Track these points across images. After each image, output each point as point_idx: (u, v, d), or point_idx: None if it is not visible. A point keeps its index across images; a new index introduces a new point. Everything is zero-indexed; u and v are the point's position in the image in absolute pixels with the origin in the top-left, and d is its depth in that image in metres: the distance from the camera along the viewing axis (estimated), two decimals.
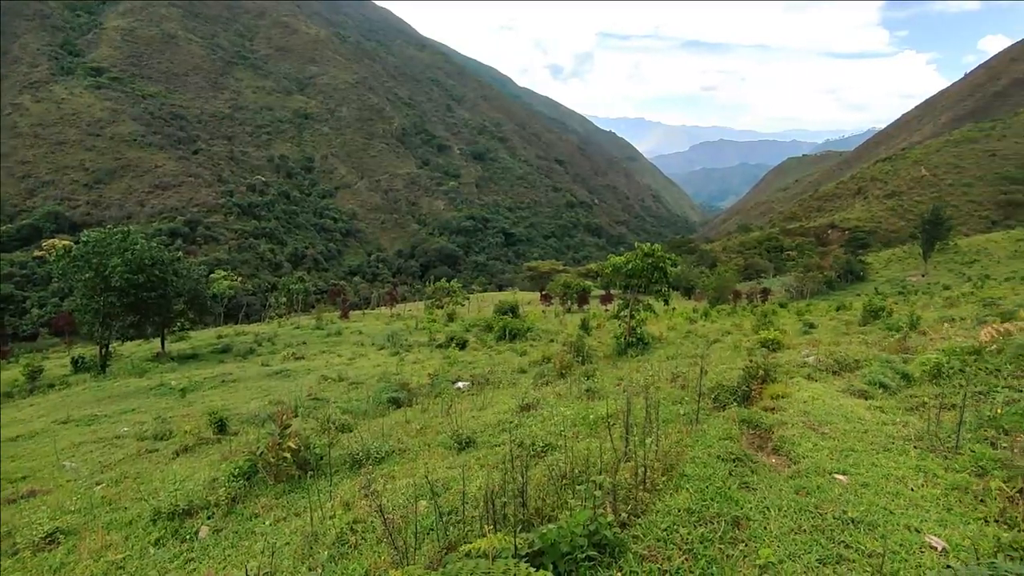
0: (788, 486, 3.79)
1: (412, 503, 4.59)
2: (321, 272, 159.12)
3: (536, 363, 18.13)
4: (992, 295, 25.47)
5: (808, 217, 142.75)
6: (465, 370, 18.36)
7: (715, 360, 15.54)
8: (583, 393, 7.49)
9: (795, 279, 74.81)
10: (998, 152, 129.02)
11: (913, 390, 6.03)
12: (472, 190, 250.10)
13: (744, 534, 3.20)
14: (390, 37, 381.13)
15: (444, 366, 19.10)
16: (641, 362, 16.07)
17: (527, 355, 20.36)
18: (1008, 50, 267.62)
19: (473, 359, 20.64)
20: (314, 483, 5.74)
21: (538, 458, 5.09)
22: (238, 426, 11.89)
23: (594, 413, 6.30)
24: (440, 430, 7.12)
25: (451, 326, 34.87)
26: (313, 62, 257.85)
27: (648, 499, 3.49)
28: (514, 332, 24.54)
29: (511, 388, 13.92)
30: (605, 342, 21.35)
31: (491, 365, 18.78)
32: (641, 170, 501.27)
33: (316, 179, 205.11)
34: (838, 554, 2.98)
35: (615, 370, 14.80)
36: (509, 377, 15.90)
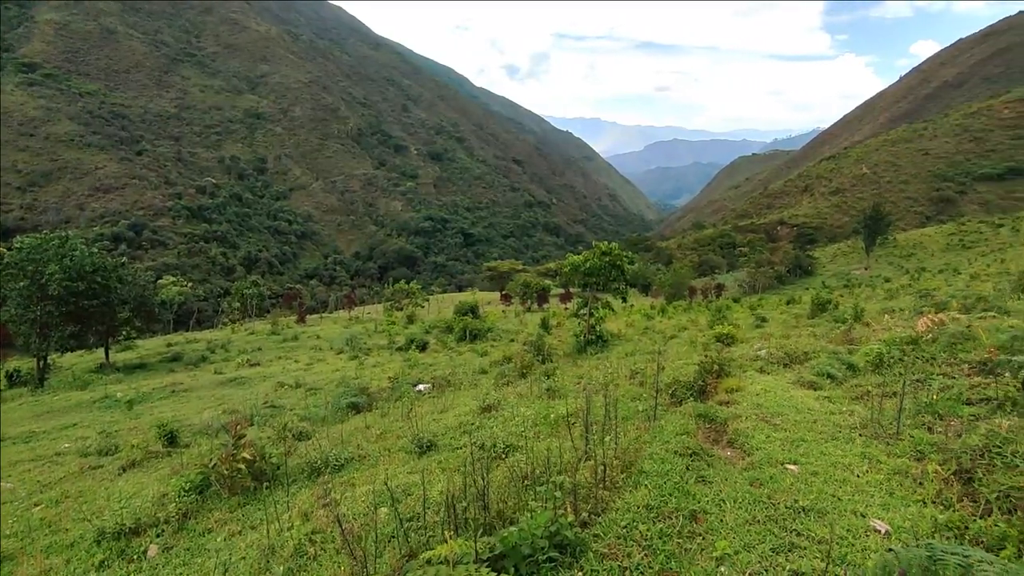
0: (743, 478, 3.89)
1: (372, 511, 4.51)
2: (276, 276, 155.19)
3: (497, 363, 18.12)
4: (927, 287, 26.87)
5: (759, 214, 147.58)
6: (426, 372, 18.20)
7: (672, 355, 15.86)
8: (543, 393, 7.52)
9: (747, 275, 77.22)
10: (930, 151, 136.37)
11: (858, 380, 6.30)
12: (430, 190, 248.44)
13: (701, 527, 3.27)
14: (344, 36, 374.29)
15: (404, 369, 18.88)
16: (601, 359, 16.26)
17: (488, 355, 20.33)
18: (937, 55, 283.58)
19: (434, 361, 20.47)
20: (271, 494, 5.57)
21: (499, 460, 5.07)
22: (190, 438, 11.45)
23: (555, 412, 6.33)
24: (401, 434, 7.02)
25: (411, 328, 34.51)
26: (264, 60, 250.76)
27: (608, 497, 3.53)
28: (474, 333, 24.46)
29: (472, 389, 13.87)
30: (565, 340, 21.52)
31: (452, 367, 18.68)
32: (598, 169, 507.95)
33: (269, 180, 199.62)
34: (790, 542, 3.08)
35: (575, 368, 14.93)
36: (470, 378, 15.83)
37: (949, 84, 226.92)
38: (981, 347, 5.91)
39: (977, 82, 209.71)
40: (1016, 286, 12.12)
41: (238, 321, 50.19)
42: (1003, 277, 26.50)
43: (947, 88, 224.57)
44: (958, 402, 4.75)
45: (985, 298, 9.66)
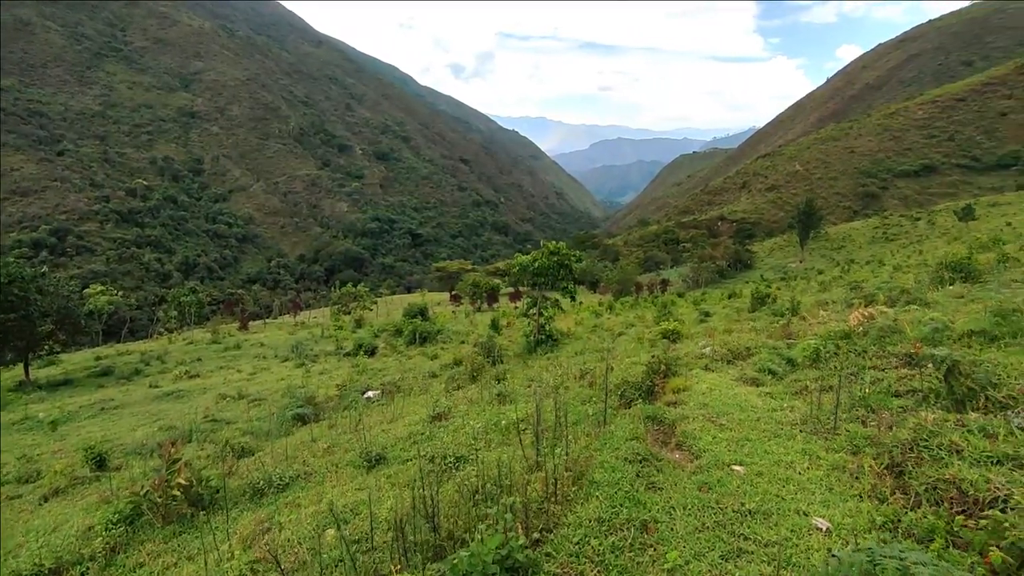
0: (691, 483, 3.94)
1: (319, 533, 4.32)
2: (216, 281, 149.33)
3: (447, 366, 17.95)
4: (856, 279, 28.40)
5: (700, 211, 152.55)
6: (375, 378, 17.82)
7: (621, 353, 16.11)
8: (494, 398, 7.46)
9: (691, 270, 79.61)
10: (856, 149, 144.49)
11: (797, 375, 6.54)
12: (376, 191, 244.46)
13: (652, 538, 3.28)
14: (283, 32, 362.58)
15: (353, 375, 18.45)
16: (551, 359, 16.34)
17: (438, 358, 20.12)
18: (860, 58, 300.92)
19: (383, 366, 20.09)
20: (209, 521, 5.26)
21: (450, 472, 4.98)
22: (121, 459, 10.78)
23: (505, 419, 6.28)
24: (349, 447, 6.79)
25: (359, 332, 33.77)
26: (198, 56, 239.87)
27: (559, 512, 3.50)
28: (424, 335, 24.16)
29: (423, 395, 13.67)
30: (515, 340, 21.55)
31: (402, 371, 18.38)
32: (545, 168, 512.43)
33: (207, 182, 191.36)
34: (739, 548, 3.13)
35: (526, 369, 14.95)
36: (420, 383, 15.61)
37: (870, 86, 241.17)
38: (906, 340, 6.24)
39: (895, 84, 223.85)
40: (934, 278, 12.93)
41: (175, 330, 47.77)
42: (922, 268, 28.31)
43: (869, 90, 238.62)
44: (888, 395, 4.98)
45: (908, 291, 10.28)
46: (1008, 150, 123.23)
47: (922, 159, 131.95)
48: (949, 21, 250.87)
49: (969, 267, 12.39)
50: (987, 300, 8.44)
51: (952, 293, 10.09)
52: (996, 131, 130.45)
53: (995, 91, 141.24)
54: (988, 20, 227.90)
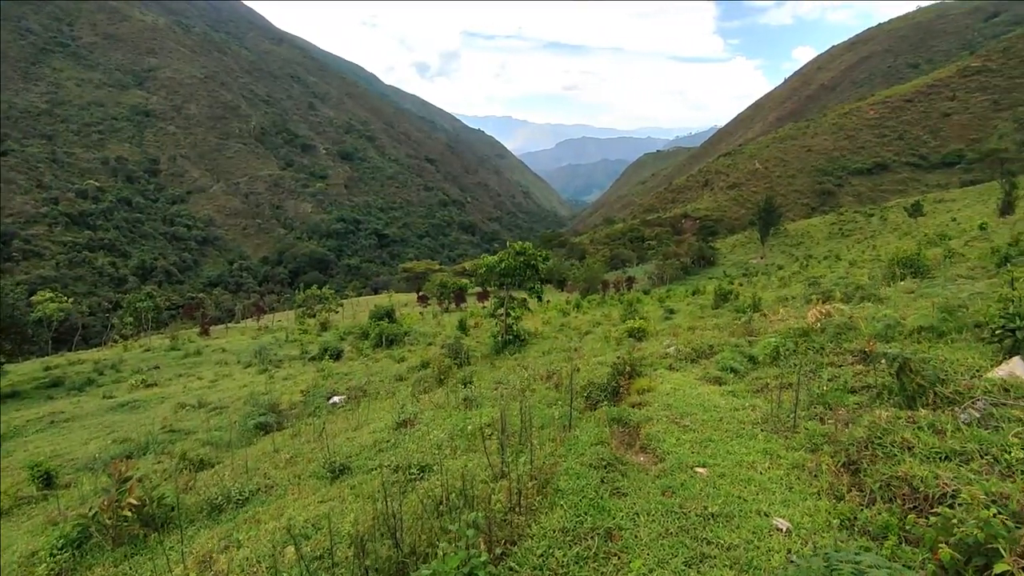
0: (655, 487, 3.96)
1: (279, 550, 4.18)
2: (176, 285, 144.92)
3: (415, 369, 17.77)
4: (814, 274, 29.27)
5: (664, 208, 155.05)
6: (341, 383, 17.52)
7: (587, 352, 16.22)
8: (460, 403, 7.39)
9: (656, 267, 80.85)
10: (813, 148, 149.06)
11: (758, 372, 6.67)
12: (341, 191, 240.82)
13: (617, 546, 3.27)
14: (242, 30, 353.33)
15: (318, 380, 18.09)
16: (518, 360, 16.33)
17: (405, 361, 19.91)
18: (815, 60, 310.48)
19: (349, 370, 19.76)
20: (163, 541, 5.04)
21: (415, 483, 4.89)
22: (72, 475, 10.31)
23: (472, 423, 6.22)
24: (312, 457, 6.62)
25: (325, 336, 33.20)
26: (152, 53, 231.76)
27: (524, 523, 3.46)
28: (391, 338, 23.86)
29: (390, 399, 13.48)
30: (483, 341, 21.49)
31: (368, 375, 18.12)
32: (511, 167, 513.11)
33: (163, 183, 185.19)
34: (702, 553, 3.15)
35: (493, 370, 14.91)
36: (387, 386, 15.41)
37: (825, 87, 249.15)
38: (861, 337, 6.43)
39: (848, 85, 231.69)
40: (886, 274, 13.39)
41: (131, 337, 46.07)
42: (875, 263, 29.37)
43: (824, 90, 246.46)
44: (844, 391, 5.12)
45: (862, 287, 10.63)
46: (951, 149, 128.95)
47: (874, 157, 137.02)
48: (897, 25, 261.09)
49: (918, 263, 12.86)
50: (935, 296, 8.77)
51: (903, 289, 10.46)
52: (940, 131, 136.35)
53: (939, 93, 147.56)
54: (932, 25, 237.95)
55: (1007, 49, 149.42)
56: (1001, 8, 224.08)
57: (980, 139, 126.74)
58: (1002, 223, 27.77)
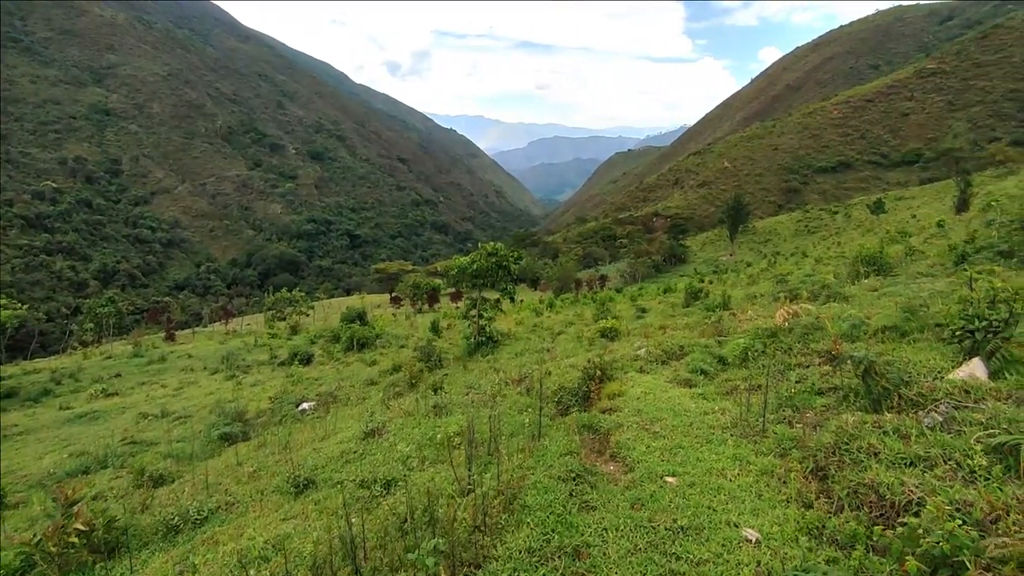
0: (624, 499, 3.89)
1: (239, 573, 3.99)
2: (140, 289, 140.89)
3: (386, 373, 17.53)
4: (781, 271, 29.83)
5: (636, 207, 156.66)
6: (311, 388, 17.17)
7: (560, 353, 16.21)
8: (430, 410, 7.25)
9: (628, 265, 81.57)
10: (779, 147, 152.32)
11: (728, 374, 6.69)
12: (311, 191, 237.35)
13: (584, 565, 3.19)
14: (206, 26, 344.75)
15: (287, 386, 17.69)
16: (491, 362, 16.26)
17: (377, 364, 19.62)
18: (781, 60, 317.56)
19: (319, 375, 19.38)
20: (116, 566, 4.79)
21: (381, 498, 4.74)
22: (24, 492, 9.84)
23: (442, 432, 6.09)
24: (276, 470, 6.39)
25: (295, 339, 32.57)
26: (111, 49, 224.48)
27: (489, 543, 3.35)
28: (362, 341, 23.50)
29: (360, 404, 13.24)
30: (456, 343, 21.34)
31: (339, 380, 17.80)
32: (483, 167, 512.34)
33: (126, 184, 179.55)
34: (671, 569, 3.08)
35: (466, 373, 14.79)
36: (358, 392, 15.15)
37: (791, 87, 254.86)
38: (828, 337, 6.50)
39: (812, 85, 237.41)
40: (850, 272, 13.65)
41: (92, 344, 44.48)
42: (840, 260, 30.08)
43: (789, 90, 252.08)
44: (812, 393, 5.15)
45: (828, 285, 10.82)
46: (910, 148, 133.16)
47: (838, 156, 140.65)
48: (858, 28, 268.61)
49: (881, 260, 13.15)
50: (897, 295, 8.95)
51: (867, 287, 10.66)
52: (900, 130, 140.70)
53: (898, 93, 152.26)
54: (890, 27, 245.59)
55: (960, 52, 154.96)
56: (955, 11, 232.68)
57: (936, 138, 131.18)
58: (958, 220, 28.69)
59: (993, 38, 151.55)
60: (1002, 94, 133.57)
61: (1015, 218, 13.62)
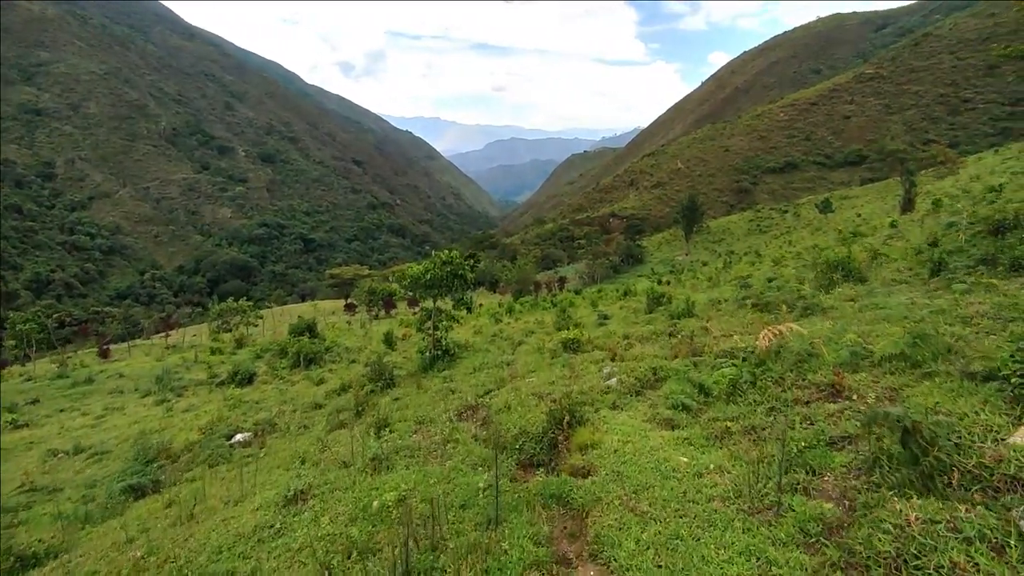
0: None
1: None
2: (79, 299, 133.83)
3: (334, 394, 16.16)
4: (741, 273, 29.69)
5: (593, 208, 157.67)
6: (250, 413, 15.61)
7: (521, 368, 15.22)
8: (368, 464, 6.07)
9: (586, 266, 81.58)
10: (730, 148, 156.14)
11: (714, 411, 5.78)
12: (263, 195, 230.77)
13: None
14: (148, 23, 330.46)
15: (223, 412, 16.07)
16: (447, 378, 15.17)
17: (325, 383, 18.15)
18: (729, 64, 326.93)
19: (261, 397, 17.78)
20: None
21: None
22: None
23: (379, 499, 4.96)
24: (169, 555, 5.10)
25: (239, 354, 30.55)
26: (42, 46, 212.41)
27: None
28: (310, 356, 21.90)
29: (300, 437, 11.89)
30: (411, 356, 20.07)
31: (282, 403, 16.31)
32: (441, 169, 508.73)
33: (60, 188, 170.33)
34: None
35: (419, 394, 13.64)
36: (301, 418, 13.75)
37: (739, 90, 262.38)
38: (825, 366, 5.69)
39: (759, 89, 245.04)
40: (820, 278, 13.13)
41: (16, 362, 40.92)
42: (798, 260, 30.19)
43: (738, 93, 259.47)
44: (825, 446, 4.27)
45: (803, 295, 10.14)
46: (852, 149, 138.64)
47: (785, 157, 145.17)
48: (800, 33, 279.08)
49: (849, 265, 12.67)
50: (880, 307, 8.30)
51: (843, 296, 10.04)
52: (842, 132, 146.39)
53: (840, 97, 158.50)
54: (831, 34, 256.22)
55: (895, 58, 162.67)
56: (888, 20, 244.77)
57: (875, 140, 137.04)
58: (911, 220, 29.16)
59: (924, 45, 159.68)
60: (934, 98, 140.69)
61: (979, 219, 13.37)
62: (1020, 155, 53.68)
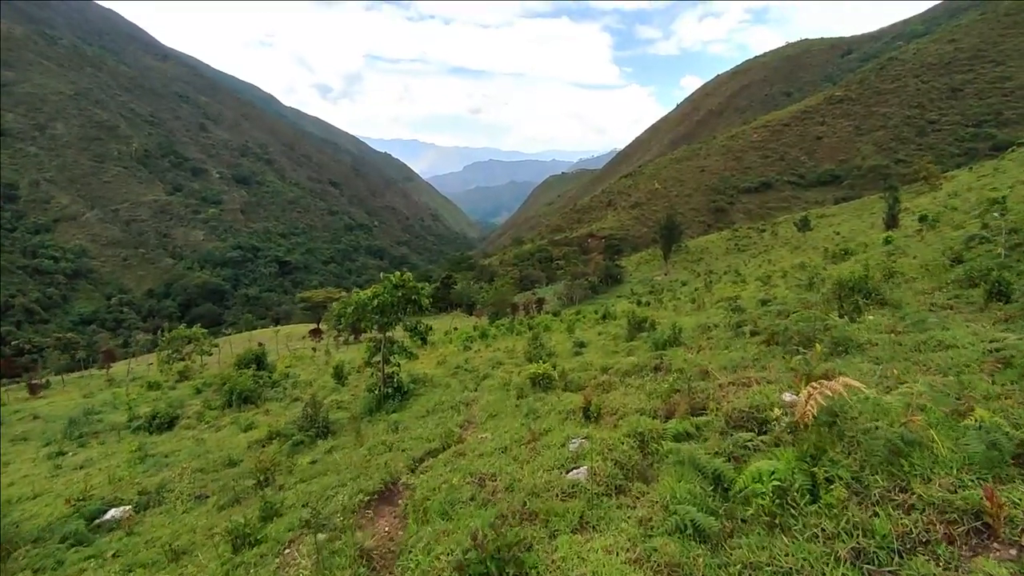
0: None
1: None
2: (40, 325, 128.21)
3: (258, 444, 13.44)
4: (728, 294, 27.70)
5: (571, 228, 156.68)
6: (154, 470, 12.78)
7: (480, 410, 12.87)
8: None
9: (565, 287, 79.56)
10: (706, 168, 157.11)
11: (749, 547, 3.38)
12: (237, 217, 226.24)
13: None
14: (120, 44, 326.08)
15: (121, 470, 13.20)
16: (394, 424, 12.66)
17: (254, 429, 15.37)
18: (703, 87, 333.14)
19: (176, 447, 14.91)
20: None
21: None
22: None
23: None
24: None
25: (178, 389, 27.48)
26: (7, 65, 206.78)
27: None
28: (246, 395, 19.06)
29: (189, 512, 9.21)
30: (361, 393, 17.43)
31: (191, 459, 13.51)
32: (419, 190, 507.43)
33: (23, 210, 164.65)
34: None
35: (353, 449, 11.09)
36: (203, 483, 10.99)
37: (713, 112, 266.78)
38: (940, 465, 3.38)
39: (732, 111, 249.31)
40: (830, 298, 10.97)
41: None
42: (787, 279, 28.35)
43: (712, 115, 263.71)
44: None
45: (830, 325, 7.84)
46: (824, 169, 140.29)
47: (760, 177, 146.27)
48: (771, 58, 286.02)
49: (867, 287, 10.54)
50: (941, 342, 6.07)
51: (877, 326, 7.82)
52: (815, 152, 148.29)
53: (811, 118, 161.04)
54: (799, 58, 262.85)
55: (863, 81, 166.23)
56: (853, 46, 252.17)
57: (847, 159, 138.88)
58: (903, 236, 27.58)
59: (890, 69, 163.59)
60: (901, 119, 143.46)
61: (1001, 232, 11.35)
62: (995, 172, 53.38)
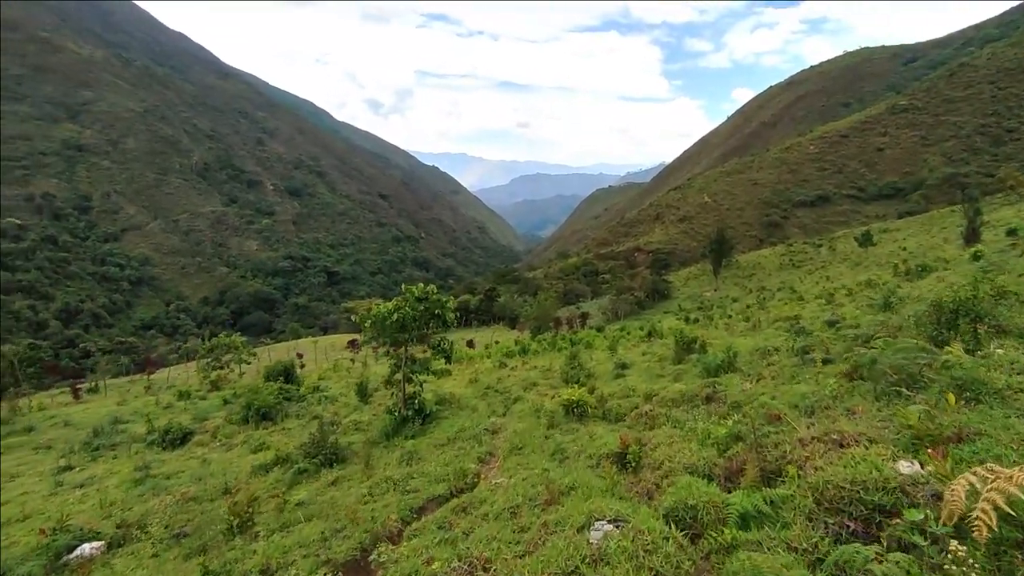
0: None
1: None
2: (105, 329, 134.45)
3: (263, 469, 12.28)
4: (787, 312, 25.26)
5: (617, 242, 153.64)
6: (145, 496, 11.73)
7: (506, 440, 11.37)
8: None
9: (610, 302, 77.23)
10: (759, 181, 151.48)
11: None
12: (289, 228, 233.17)
13: None
14: (187, 64, 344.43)
15: (118, 492, 12.29)
16: (406, 456, 11.26)
17: (265, 450, 14.27)
18: (755, 99, 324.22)
19: (182, 467, 13.93)
20: None
21: None
22: None
23: None
24: None
25: (209, 399, 27.03)
26: (86, 86, 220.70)
27: None
28: (264, 411, 18.11)
29: (165, 554, 8.01)
30: (381, 413, 16.17)
31: (197, 478, 12.49)
32: (466, 203, 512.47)
33: (95, 220, 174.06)
34: None
35: (359, 482, 9.75)
36: (187, 516, 9.81)
37: (766, 124, 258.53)
38: None
39: (787, 122, 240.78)
40: (929, 323, 8.95)
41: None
42: (852, 297, 25.67)
43: (765, 127, 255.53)
44: None
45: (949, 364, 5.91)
46: (887, 181, 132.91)
47: (817, 190, 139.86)
48: (828, 68, 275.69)
49: (977, 310, 8.48)
50: None
51: (1011, 364, 5.89)
52: (876, 164, 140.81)
53: (872, 129, 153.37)
54: (859, 68, 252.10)
55: (930, 89, 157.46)
56: (918, 54, 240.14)
57: (912, 172, 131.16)
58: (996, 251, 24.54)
59: (961, 75, 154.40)
60: (974, 128, 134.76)
61: None
62: None
